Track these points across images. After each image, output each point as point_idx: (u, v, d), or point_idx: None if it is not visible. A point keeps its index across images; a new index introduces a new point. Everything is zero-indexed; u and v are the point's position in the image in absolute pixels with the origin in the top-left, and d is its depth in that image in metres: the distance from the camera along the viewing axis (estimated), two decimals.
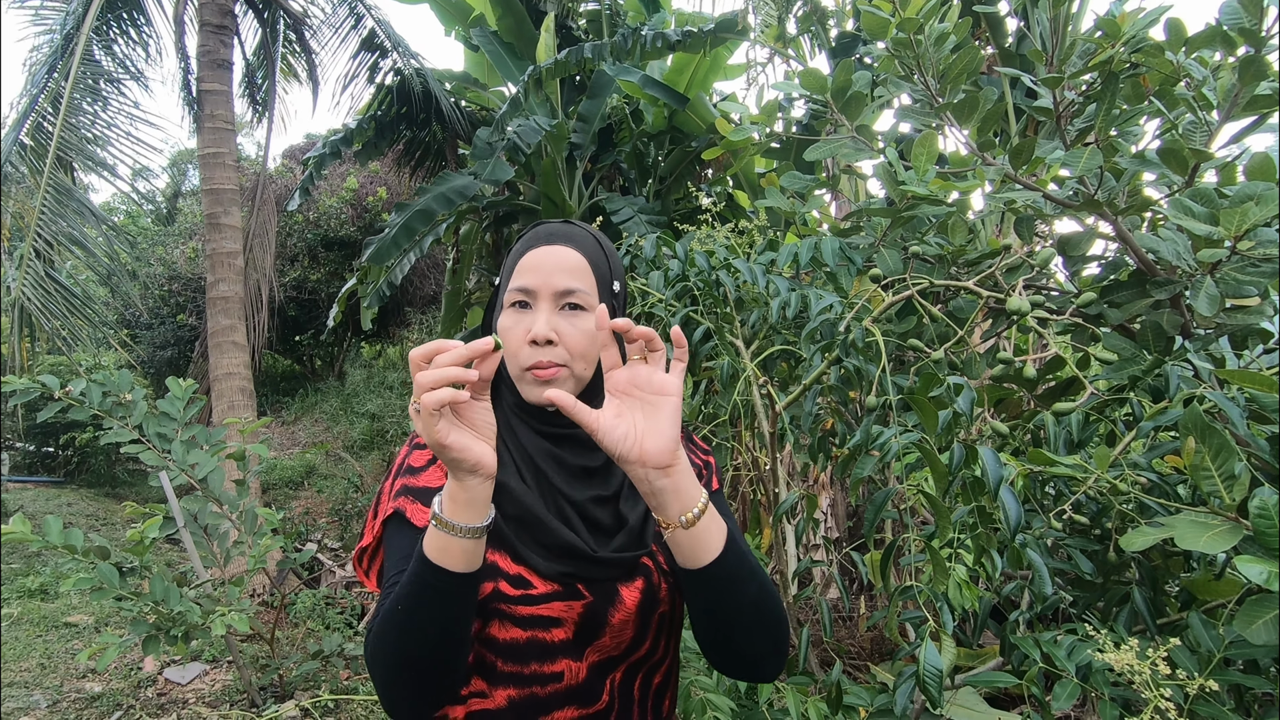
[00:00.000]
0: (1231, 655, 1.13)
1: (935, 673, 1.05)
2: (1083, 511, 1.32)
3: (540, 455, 0.99)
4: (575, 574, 0.94)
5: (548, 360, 0.94)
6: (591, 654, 0.95)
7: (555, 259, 0.98)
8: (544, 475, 0.98)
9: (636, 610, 0.96)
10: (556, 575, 0.93)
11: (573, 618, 0.94)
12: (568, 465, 0.99)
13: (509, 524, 0.95)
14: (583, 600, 0.94)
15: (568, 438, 1.01)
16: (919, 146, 1.93)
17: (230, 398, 6.13)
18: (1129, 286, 1.78)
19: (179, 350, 12.23)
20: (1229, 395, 1.23)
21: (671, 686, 1.06)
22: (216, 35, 6.55)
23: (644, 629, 0.98)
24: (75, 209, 6.16)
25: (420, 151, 8.04)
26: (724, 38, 5.53)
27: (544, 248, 0.99)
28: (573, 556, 0.94)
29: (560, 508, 0.97)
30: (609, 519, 0.99)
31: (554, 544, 0.94)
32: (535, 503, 0.95)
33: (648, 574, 0.98)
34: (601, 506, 0.99)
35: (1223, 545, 1.00)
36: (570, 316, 0.96)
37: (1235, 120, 1.72)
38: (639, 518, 0.99)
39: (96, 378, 3.17)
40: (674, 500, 0.84)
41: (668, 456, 0.82)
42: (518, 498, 0.95)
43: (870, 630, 3.87)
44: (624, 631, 0.96)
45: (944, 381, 1.22)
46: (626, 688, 0.98)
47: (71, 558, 2.85)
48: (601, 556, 0.94)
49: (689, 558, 0.87)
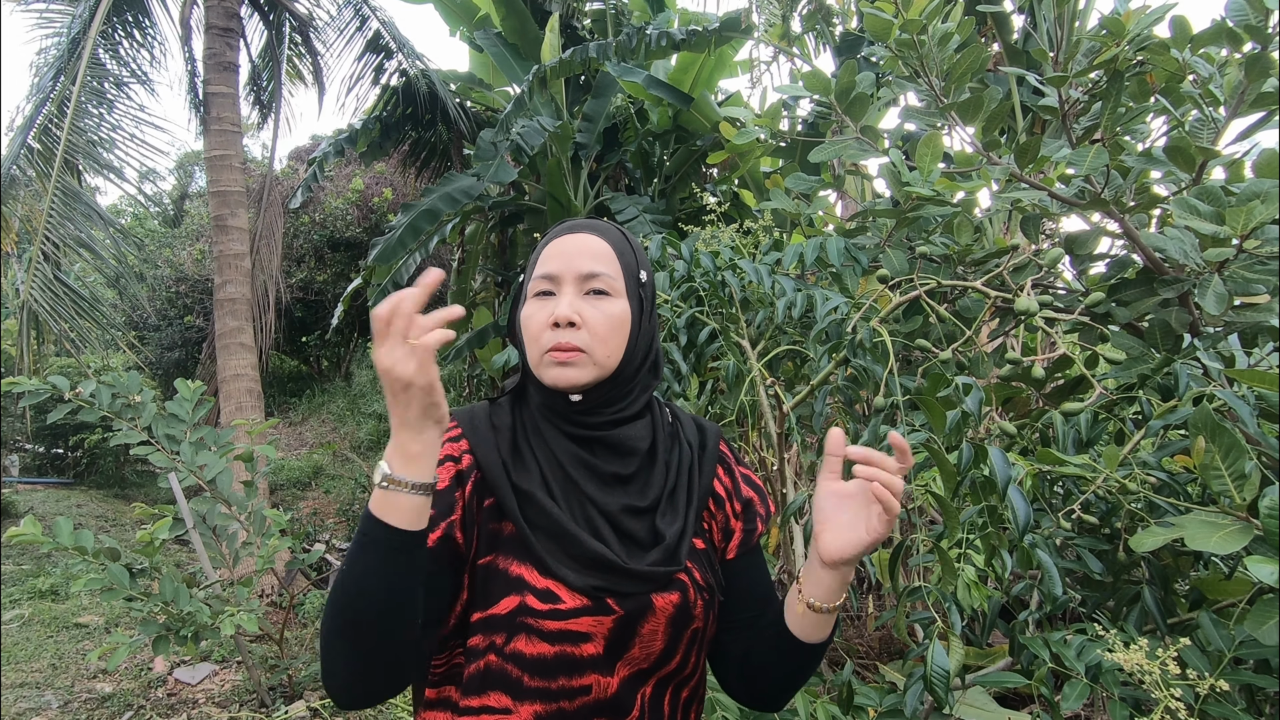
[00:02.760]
0: (1242, 655, 1.12)
1: (942, 673, 1.05)
2: (1092, 511, 1.32)
3: (570, 461, 0.95)
4: (606, 587, 0.90)
5: (567, 343, 0.91)
6: (623, 668, 0.93)
7: (579, 244, 0.96)
8: (573, 483, 0.95)
9: (668, 623, 0.94)
10: (586, 589, 0.90)
11: (602, 632, 0.91)
12: (599, 472, 0.96)
13: (537, 536, 0.92)
14: (613, 615, 0.91)
15: (599, 440, 0.97)
16: (923, 147, 1.93)
17: (238, 399, 6.16)
18: (1136, 285, 1.77)
19: (186, 352, 12.27)
20: (1239, 394, 1.23)
21: (699, 699, 1.04)
22: (222, 38, 6.57)
23: (675, 642, 0.95)
24: (83, 212, 6.19)
25: (426, 152, 8.06)
26: (729, 37, 5.52)
27: (568, 236, 0.98)
28: (602, 569, 0.91)
29: (590, 518, 0.94)
30: (644, 533, 0.96)
31: (583, 555, 0.91)
32: (562, 514, 0.92)
33: (684, 589, 0.95)
34: (636, 518, 0.96)
35: (1233, 545, 1.00)
36: (595, 301, 0.94)
37: (1242, 117, 1.72)
38: (676, 535, 0.95)
39: (106, 379, 3.19)
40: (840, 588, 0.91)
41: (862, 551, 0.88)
42: (545, 509, 0.92)
43: (879, 630, 3.86)
44: (653, 642, 0.94)
45: (952, 381, 1.22)
46: (657, 701, 0.96)
47: (82, 559, 2.87)
48: (633, 569, 0.91)
49: (807, 632, 0.94)
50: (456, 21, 7.44)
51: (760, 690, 1.04)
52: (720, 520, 1.04)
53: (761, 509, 1.06)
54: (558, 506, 0.92)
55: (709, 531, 1.03)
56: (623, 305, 0.96)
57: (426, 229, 5.90)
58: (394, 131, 7.44)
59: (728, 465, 1.07)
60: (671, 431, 1.04)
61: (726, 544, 1.04)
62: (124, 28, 6.90)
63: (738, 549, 1.04)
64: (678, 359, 1.90)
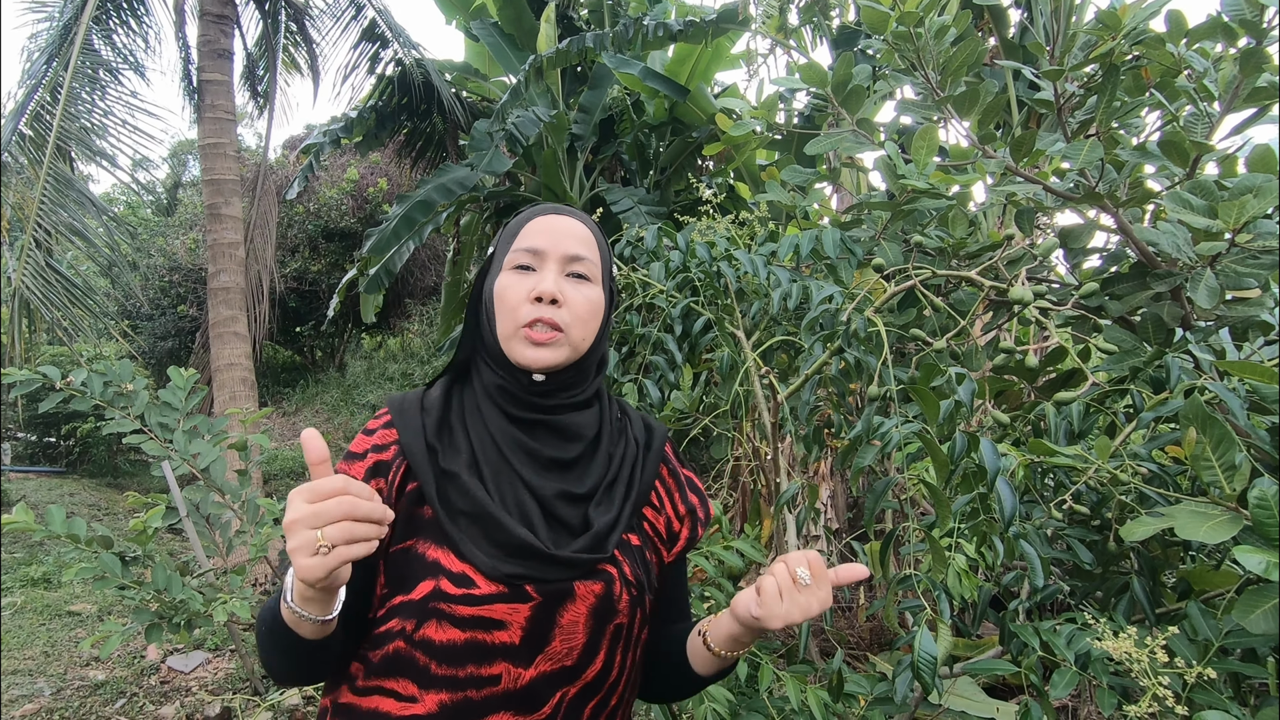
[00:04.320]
0: (1229, 644, 1.14)
1: (930, 660, 1.05)
2: (1083, 501, 1.33)
3: (508, 443, 0.92)
4: (526, 575, 0.87)
5: (550, 319, 0.90)
6: (543, 662, 0.89)
7: (567, 226, 0.95)
8: (507, 465, 0.91)
9: (589, 613, 0.90)
10: (503, 576, 0.86)
11: (519, 620, 0.87)
12: (538, 456, 0.93)
13: (457, 519, 0.88)
14: (530, 602, 0.87)
15: (543, 424, 0.94)
16: (919, 140, 1.94)
17: (232, 388, 6.15)
18: (1129, 279, 1.78)
19: (179, 341, 12.24)
20: (1229, 386, 1.24)
21: (625, 709, 1.00)
22: (217, 25, 6.53)
23: (598, 636, 0.91)
24: (75, 199, 6.16)
25: (421, 142, 8.03)
26: (725, 28, 5.52)
27: (554, 216, 0.96)
28: (525, 556, 0.87)
29: (520, 501, 0.90)
30: (576, 520, 0.92)
31: (506, 541, 0.87)
32: (487, 497, 0.88)
33: (609, 580, 0.91)
34: (570, 505, 0.93)
35: (1222, 535, 1.01)
36: (575, 284, 0.94)
37: (1236, 112, 1.72)
38: (607, 524, 0.92)
39: (98, 368, 3.17)
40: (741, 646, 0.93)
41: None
42: (469, 491, 0.88)
43: (869, 620, 3.89)
44: (574, 634, 0.90)
45: (945, 372, 1.22)
46: (576, 707, 0.92)
47: (74, 547, 2.86)
48: (558, 555, 0.88)
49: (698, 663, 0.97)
50: (453, 11, 7.41)
51: (646, 685, 1.06)
52: (661, 522, 1.02)
53: (702, 513, 1.05)
54: (484, 489, 0.89)
55: (647, 532, 1.00)
56: (600, 292, 0.96)
57: (421, 220, 5.88)
58: (389, 121, 7.41)
59: (672, 468, 1.06)
60: (619, 426, 1.02)
61: (669, 548, 1.03)
62: (118, 13, 6.85)
63: (677, 554, 1.03)
64: (673, 349, 1.91)
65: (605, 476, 0.96)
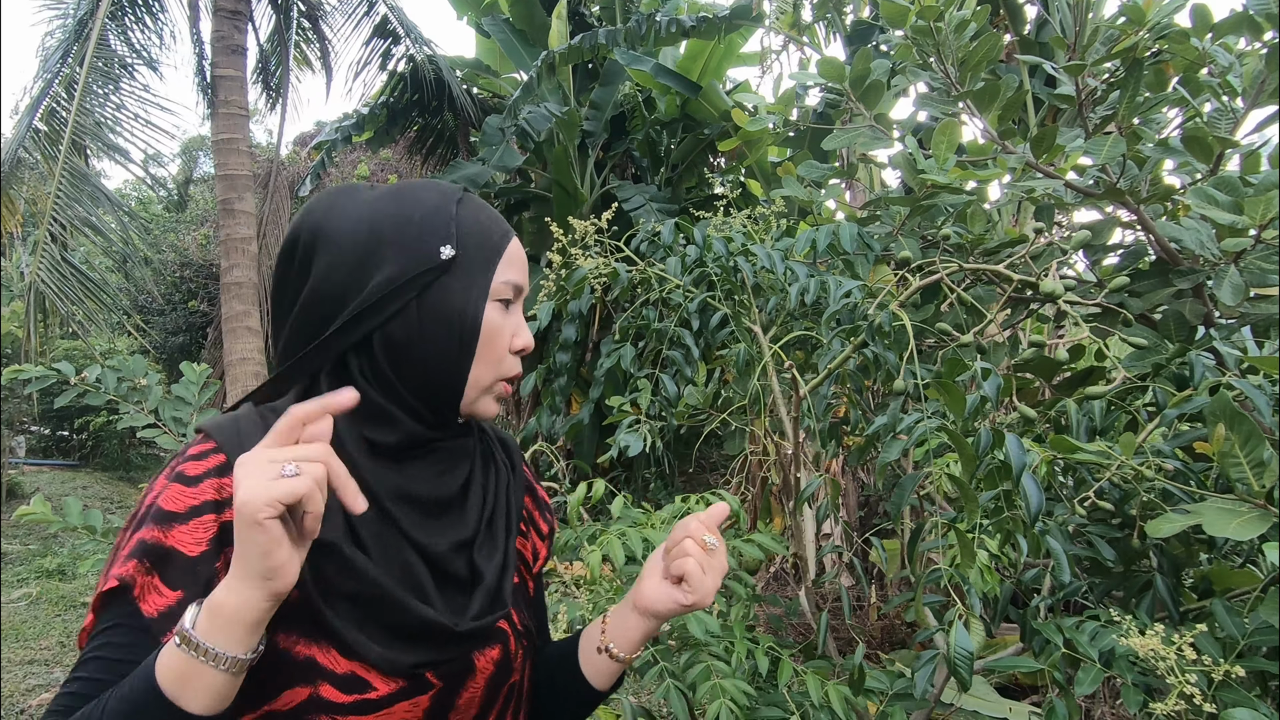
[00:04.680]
0: (1255, 642, 1.13)
1: (966, 655, 1.05)
2: (1106, 498, 1.32)
3: (389, 496, 0.73)
4: (428, 660, 0.72)
5: (517, 373, 0.80)
6: None
7: (522, 255, 0.81)
8: (392, 523, 0.73)
9: (487, 684, 0.78)
10: (404, 670, 0.70)
11: (417, 715, 0.72)
12: (419, 502, 0.75)
13: (336, 604, 0.68)
14: (430, 690, 0.73)
15: (417, 460, 0.77)
16: (940, 135, 1.92)
17: (245, 383, 6.18)
18: (1151, 276, 1.77)
19: (190, 336, 12.32)
20: (1255, 384, 1.23)
21: None
22: (231, 20, 6.56)
23: (490, 704, 0.80)
24: (90, 194, 6.20)
25: (432, 139, 8.05)
26: (739, 24, 5.51)
27: (515, 241, 0.80)
28: (426, 637, 0.72)
29: (409, 568, 0.73)
30: (463, 570, 0.77)
31: (402, 624, 0.71)
32: (379, 573, 0.70)
33: (504, 640, 0.80)
34: (458, 554, 0.77)
35: (1251, 532, 1.00)
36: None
37: (1261, 107, 1.71)
38: (496, 573, 0.79)
39: (111, 363, 3.19)
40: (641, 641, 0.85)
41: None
42: (353, 566, 0.69)
43: (881, 619, 3.88)
44: (469, 711, 0.77)
45: (970, 367, 1.22)
46: None
47: (90, 538, 2.88)
48: (463, 630, 0.73)
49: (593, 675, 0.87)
50: (464, 7, 7.42)
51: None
52: (529, 549, 0.92)
53: (553, 525, 0.98)
54: (369, 560, 0.70)
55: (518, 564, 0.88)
56: None
57: None
58: (400, 118, 7.43)
59: (530, 485, 0.95)
60: (485, 450, 0.87)
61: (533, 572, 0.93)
62: (133, 9, 6.89)
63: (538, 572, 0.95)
64: (690, 344, 1.90)
65: (484, 512, 0.81)
